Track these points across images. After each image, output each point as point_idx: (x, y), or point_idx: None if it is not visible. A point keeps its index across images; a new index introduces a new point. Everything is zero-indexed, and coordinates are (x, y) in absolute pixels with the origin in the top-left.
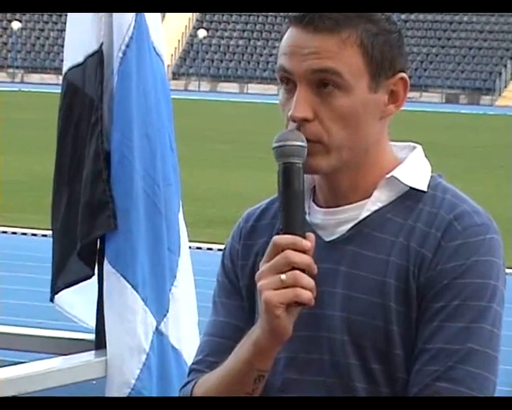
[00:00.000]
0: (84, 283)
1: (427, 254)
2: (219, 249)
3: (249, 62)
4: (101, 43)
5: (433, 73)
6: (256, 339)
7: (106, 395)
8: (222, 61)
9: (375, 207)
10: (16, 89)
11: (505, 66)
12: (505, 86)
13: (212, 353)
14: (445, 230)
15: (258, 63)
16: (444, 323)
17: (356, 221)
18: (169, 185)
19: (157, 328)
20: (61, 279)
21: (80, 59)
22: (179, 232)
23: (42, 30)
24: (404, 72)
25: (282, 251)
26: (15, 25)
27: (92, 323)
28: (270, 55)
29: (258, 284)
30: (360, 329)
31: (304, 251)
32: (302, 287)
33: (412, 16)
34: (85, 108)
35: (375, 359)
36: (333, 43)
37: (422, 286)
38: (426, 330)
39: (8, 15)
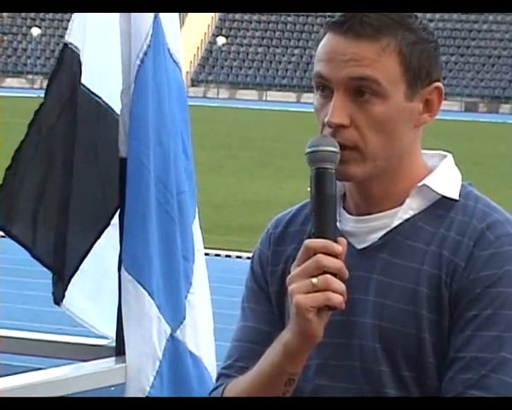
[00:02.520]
0: (99, 290)
1: (459, 263)
2: (238, 256)
3: (268, 70)
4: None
5: (453, 82)
6: (286, 342)
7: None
8: (241, 69)
9: (407, 216)
10: (35, 95)
11: None
12: None
13: (242, 358)
14: (477, 239)
15: (278, 70)
16: (476, 332)
17: (388, 229)
18: (183, 193)
19: (172, 335)
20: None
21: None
22: (193, 239)
23: (61, 36)
24: (439, 81)
25: (314, 255)
26: (35, 31)
27: (104, 330)
28: (289, 63)
29: (290, 288)
30: (392, 336)
31: (335, 255)
32: (333, 291)
33: (432, 24)
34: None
35: (406, 366)
36: (372, 50)
37: (455, 295)
38: (458, 339)
39: (28, 21)
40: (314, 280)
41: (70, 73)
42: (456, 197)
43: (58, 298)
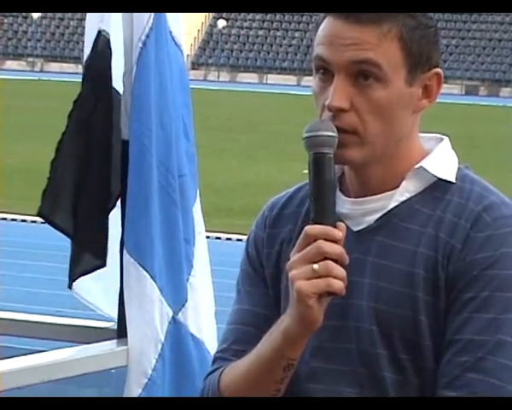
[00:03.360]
0: (104, 271)
1: (456, 245)
2: (238, 239)
3: (269, 53)
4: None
5: (453, 65)
6: (286, 328)
7: (126, 385)
8: (241, 51)
9: (404, 198)
10: (36, 78)
11: None
12: None
13: (238, 341)
14: (474, 221)
15: (278, 53)
16: (473, 314)
17: (384, 211)
18: (184, 175)
19: (173, 317)
20: (76, 269)
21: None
22: (194, 222)
23: (61, 19)
24: (438, 67)
25: (314, 241)
26: (35, 14)
27: (109, 311)
28: (290, 46)
29: (290, 274)
30: (388, 318)
31: (335, 241)
32: (334, 277)
33: None
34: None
35: (403, 349)
36: (374, 35)
37: (451, 277)
38: (455, 321)
39: None
40: (315, 266)
41: (105, 60)
42: (453, 180)
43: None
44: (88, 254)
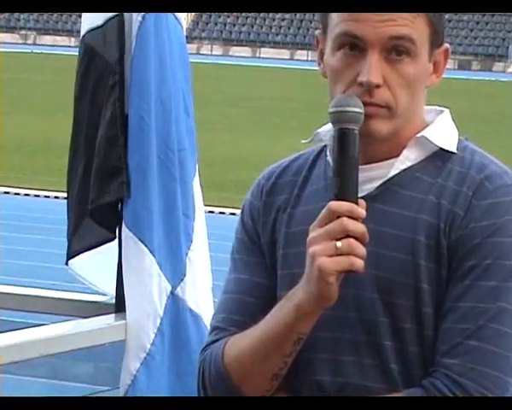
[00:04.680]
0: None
1: (458, 213)
2: (231, 213)
3: (262, 26)
4: None
5: (446, 39)
6: (300, 303)
7: (124, 359)
8: (234, 25)
9: (404, 166)
10: (29, 50)
11: None
12: None
13: (237, 311)
14: (476, 189)
15: (271, 27)
16: (475, 281)
17: (384, 179)
18: (183, 150)
19: (172, 292)
20: (79, 243)
21: (100, 22)
22: (194, 197)
23: None
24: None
25: (337, 217)
26: None
27: (104, 287)
28: (283, 20)
29: (311, 249)
30: (389, 286)
31: (358, 219)
32: (356, 255)
33: None
34: (104, 71)
35: (404, 317)
36: None
37: (454, 244)
38: (456, 289)
39: None
40: (338, 244)
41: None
42: (454, 150)
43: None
44: (99, 227)
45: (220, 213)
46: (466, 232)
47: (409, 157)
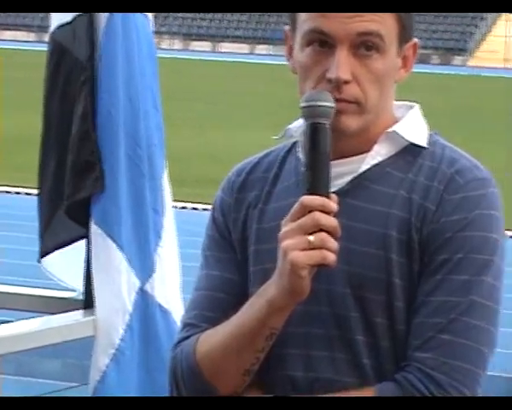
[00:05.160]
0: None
1: (429, 207)
2: (193, 208)
3: (221, 21)
4: None
5: None
6: (272, 298)
7: (93, 355)
8: (194, 20)
9: (375, 161)
10: None
11: (477, 26)
12: (477, 47)
13: (209, 308)
14: (447, 183)
15: (231, 22)
16: (446, 276)
17: (355, 174)
18: (152, 146)
19: (141, 288)
20: (52, 240)
21: (68, 18)
22: (163, 192)
23: None
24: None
25: (309, 212)
26: None
27: (72, 282)
28: (243, 14)
29: (284, 244)
30: (361, 281)
31: (330, 213)
32: (328, 249)
33: None
34: (74, 67)
35: (376, 311)
36: None
37: (425, 239)
38: (428, 283)
39: None
40: (311, 238)
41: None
42: (424, 145)
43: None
44: (74, 223)
45: (182, 208)
46: (437, 227)
47: (380, 152)
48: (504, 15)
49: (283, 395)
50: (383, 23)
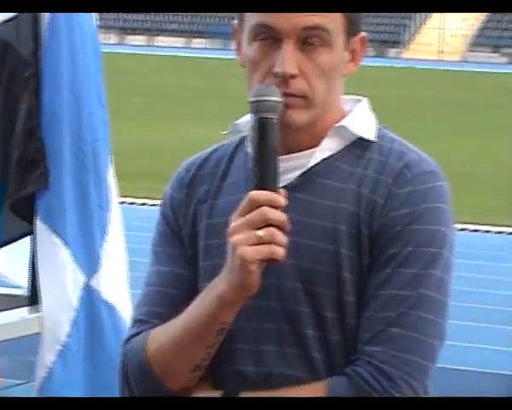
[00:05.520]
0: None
1: (378, 201)
2: (131, 203)
3: (157, 14)
4: None
5: None
6: (222, 293)
7: (39, 352)
8: (129, 14)
9: (324, 156)
10: None
11: (411, 18)
12: (412, 39)
13: (159, 304)
14: (395, 177)
15: (166, 16)
16: (396, 269)
17: (304, 169)
18: (97, 141)
19: (87, 284)
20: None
21: (12, 14)
22: (109, 188)
23: None
24: (361, 31)
25: (258, 207)
26: None
27: (17, 279)
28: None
29: (233, 239)
30: (311, 276)
31: (278, 207)
32: (277, 244)
33: None
34: (17, 64)
35: (326, 306)
36: None
37: (375, 232)
38: (378, 277)
39: None
40: (260, 233)
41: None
42: (373, 138)
43: None
44: (20, 220)
45: (121, 202)
46: (386, 220)
47: (328, 147)
48: None
49: (234, 390)
50: (329, 17)
